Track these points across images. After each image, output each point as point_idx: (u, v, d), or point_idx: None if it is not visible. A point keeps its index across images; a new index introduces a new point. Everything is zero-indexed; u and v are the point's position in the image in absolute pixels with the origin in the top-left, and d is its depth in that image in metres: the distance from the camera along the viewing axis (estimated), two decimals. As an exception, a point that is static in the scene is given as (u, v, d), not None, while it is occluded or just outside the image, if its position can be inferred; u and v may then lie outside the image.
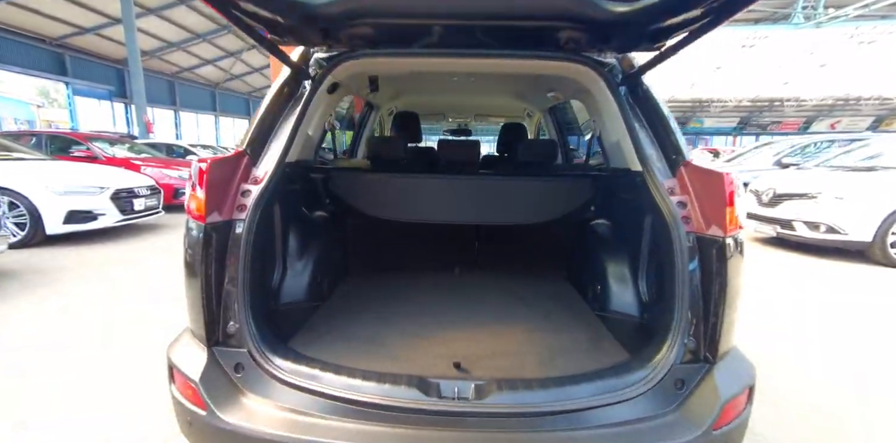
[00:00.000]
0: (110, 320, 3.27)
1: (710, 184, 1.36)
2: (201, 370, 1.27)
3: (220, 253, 1.36)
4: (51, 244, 5.67)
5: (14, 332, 3.03)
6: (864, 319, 3.63)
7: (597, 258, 2.10)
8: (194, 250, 1.33)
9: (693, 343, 1.32)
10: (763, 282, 4.69)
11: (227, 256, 1.37)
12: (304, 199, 2.18)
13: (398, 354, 1.52)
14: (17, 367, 2.53)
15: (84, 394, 2.24)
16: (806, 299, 4.16)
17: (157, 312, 3.46)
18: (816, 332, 3.34)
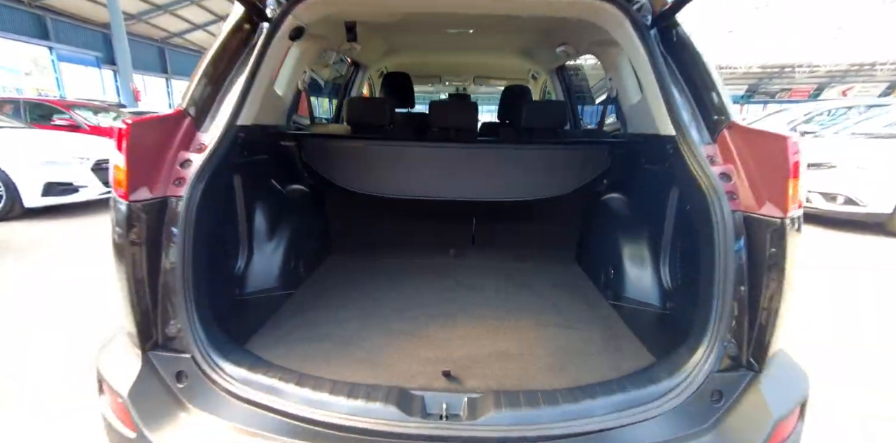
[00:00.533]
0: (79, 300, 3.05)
1: (764, 150, 1.08)
2: (132, 381, 1.04)
3: (153, 238, 1.10)
4: (30, 218, 5.42)
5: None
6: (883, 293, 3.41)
7: (610, 238, 1.84)
8: (120, 234, 1.07)
9: (734, 346, 1.08)
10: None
11: (161, 240, 1.11)
12: (274, 170, 1.89)
13: (377, 358, 1.28)
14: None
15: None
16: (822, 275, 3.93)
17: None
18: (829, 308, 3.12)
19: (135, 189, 1.06)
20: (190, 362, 1.08)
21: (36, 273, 3.59)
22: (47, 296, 3.14)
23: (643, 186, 1.79)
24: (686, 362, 1.11)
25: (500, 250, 2.35)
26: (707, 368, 1.07)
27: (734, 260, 1.08)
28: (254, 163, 1.69)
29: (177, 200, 1.12)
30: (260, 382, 1.07)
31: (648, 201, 1.73)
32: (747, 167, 1.13)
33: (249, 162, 1.63)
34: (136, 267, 1.07)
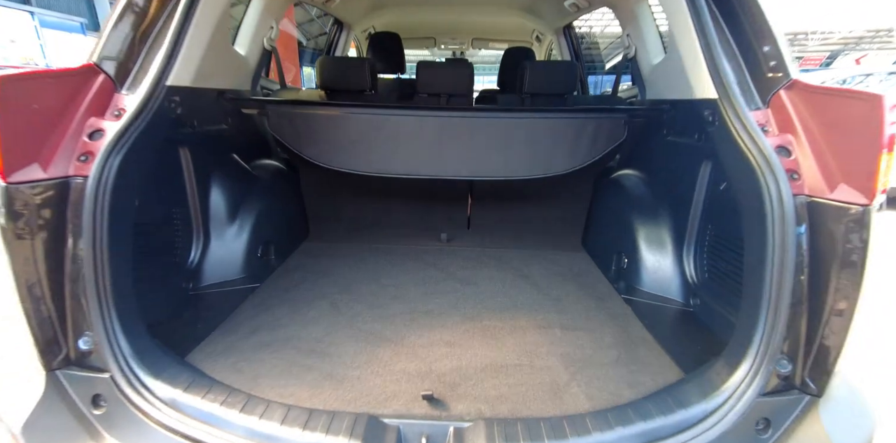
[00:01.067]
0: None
1: (841, 116, 0.83)
2: (30, 410, 0.83)
3: (52, 229, 0.86)
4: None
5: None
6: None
7: (623, 221, 1.59)
8: (5, 226, 0.83)
9: (788, 364, 0.86)
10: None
11: (65, 232, 0.87)
12: (237, 143, 1.63)
13: (345, 371, 1.06)
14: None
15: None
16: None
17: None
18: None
19: (18, 166, 0.81)
20: (109, 384, 0.87)
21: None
22: None
23: (666, 161, 1.53)
24: (724, 380, 0.89)
25: (497, 235, 2.09)
26: (753, 389, 0.85)
27: (793, 256, 0.84)
28: (209, 133, 1.43)
29: (82, 180, 0.88)
30: (196, 407, 0.86)
31: (672, 180, 1.48)
32: (813, 138, 0.88)
33: (202, 133, 1.37)
34: (28, 266, 0.84)
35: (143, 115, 0.98)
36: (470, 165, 1.72)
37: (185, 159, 1.34)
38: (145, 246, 1.15)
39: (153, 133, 1.01)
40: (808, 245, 0.84)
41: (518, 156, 1.69)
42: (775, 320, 0.86)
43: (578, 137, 1.66)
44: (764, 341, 0.87)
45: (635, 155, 1.75)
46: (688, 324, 1.29)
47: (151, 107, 1.00)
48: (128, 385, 0.87)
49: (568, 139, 1.66)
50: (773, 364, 0.86)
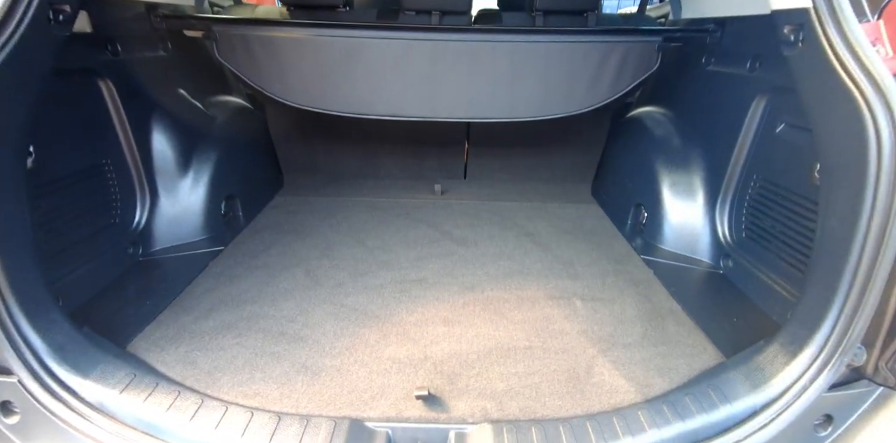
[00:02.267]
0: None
1: None
2: None
3: None
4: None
5: None
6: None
7: (645, 167, 1.37)
8: None
9: (862, 353, 0.70)
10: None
11: None
12: (183, 74, 1.32)
13: (323, 360, 0.88)
14: None
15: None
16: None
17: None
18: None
19: None
20: (16, 388, 0.69)
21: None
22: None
23: (704, 96, 1.27)
24: (780, 369, 0.74)
25: (497, 186, 1.83)
26: (820, 383, 0.70)
27: (880, 226, 0.65)
28: (141, 62, 1.13)
29: None
30: (135, 414, 0.69)
31: (710, 119, 1.24)
32: None
33: (132, 61, 1.08)
34: None
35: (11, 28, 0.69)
36: (468, 103, 1.42)
37: (109, 95, 1.06)
38: (66, 206, 0.92)
39: (30, 58, 0.73)
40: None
41: (527, 91, 1.39)
42: (860, 301, 0.68)
43: (602, 65, 1.35)
44: (841, 325, 0.70)
45: (664, 88, 1.48)
46: (721, 291, 1.12)
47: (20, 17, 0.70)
48: (42, 389, 0.69)
49: (589, 69, 1.35)
50: (848, 354, 0.70)
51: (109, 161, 1.10)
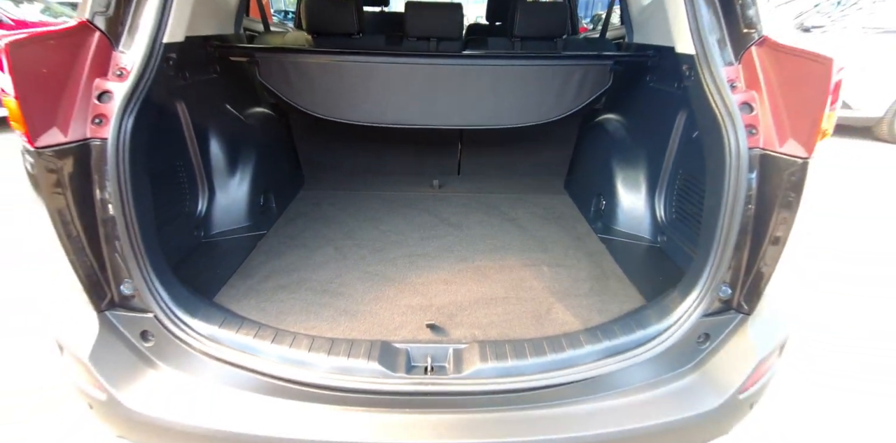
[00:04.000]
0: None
1: (798, 75, 0.91)
2: (92, 343, 0.97)
3: (82, 189, 0.93)
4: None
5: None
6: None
7: (604, 164, 1.71)
8: (36, 189, 0.90)
9: (728, 291, 1.04)
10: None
11: (93, 190, 0.95)
12: (228, 92, 1.63)
13: (357, 307, 1.23)
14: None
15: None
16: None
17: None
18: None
19: (41, 131, 0.86)
20: (153, 322, 1.01)
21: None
22: None
23: (647, 107, 1.61)
24: (677, 305, 1.07)
25: (485, 181, 2.20)
26: (699, 311, 1.04)
27: (742, 202, 0.98)
28: (201, 84, 1.43)
29: (101, 142, 0.93)
30: (233, 340, 1.01)
31: (651, 125, 1.57)
32: (773, 95, 0.97)
33: (195, 83, 1.38)
34: (66, 225, 0.92)
35: (146, 75, 1.00)
36: (460, 114, 1.78)
37: (183, 112, 1.37)
38: (159, 199, 1.23)
39: (156, 92, 1.05)
40: (756, 191, 0.98)
41: (508, 103, 1.75)
42: (723, 254, 1.02)
43: (566, 83, 1.71)
44: (712, 271, 1.03)
45: (619, 100, 1.82)
46: (654, 259, 1.47)
47: (152, 67, 1.02)
48: (170, 322, 1.01)
49: (555, 86, 1.71)
50: (716, 291, 1.03)
51: (182, 164, 1.42)
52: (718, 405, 0.97)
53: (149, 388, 0.97)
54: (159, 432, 0.94)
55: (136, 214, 0.99)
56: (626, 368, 1.00)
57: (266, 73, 1.68)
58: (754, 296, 1.03)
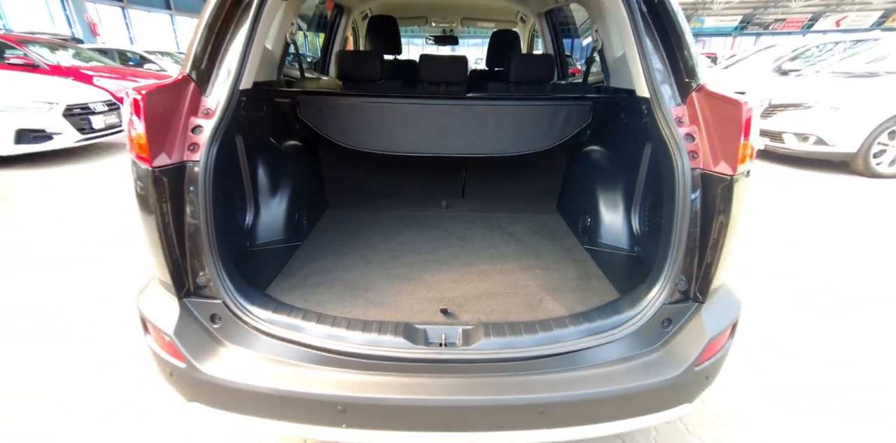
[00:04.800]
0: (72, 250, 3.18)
1: (724, 114, 1.21)
2: (175, 323, 1.22)
3: (176, 199, 1.21)
4: (10, 165, 5.33)
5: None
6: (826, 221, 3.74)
7: (589, 188, 2.00)
8: (145, 198, 1.18)
9: (684, 283, 1.29)
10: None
11: (184, 202, 1.22)
12: (271, 127, 1.96)
13: (383, 299, 1.49)
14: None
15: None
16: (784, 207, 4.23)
17: (125, 238, 3.37)
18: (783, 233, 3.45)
19: (156, 155, 1.15)
20: (221, 307, 1.26)
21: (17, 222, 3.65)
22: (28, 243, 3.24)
23: (621, 140, 1.92)
24: (644, 296, 1.32)
25: (487, 202, 2.52)
26: (661, 301, 1.28)
27: (689, 211, 1.25)
28: (253, 120, 1.75)
29: (193, 164, 1.22)
30: (284, 321, 1.26)
31: (625, 155, 1.87)
32: (709, 129, 1.27)
33: (250, 120, 1.70)
34: (164, 227, 1.19)
35: (227, 114, 1.31)
36: (465, 145, 2.11)
37: (239, 143, 1.67)
38: (225, 212, 1.51)
39: (231, 126, 1.35)
40: (700, 203, 1.25)
41: (505, 136, 2.09)
42: (678, 253, 1.28)
43: (553, 120, 2.05)
44: (671, 267, 1.29)
45: (600, 133, 2.14)
46: (630, 264, 1.72)
47: (230, 108, 1.32)
48: (235, 307, 1.26)
49: (545, 122, 2.05)
50: (675, 283, 1.29)
51: (237, 185, 1.71)
52: (678, 374, 1.20)
53: (217, 359, 1.20)
54: (225, 392, 1.16)
55: (213, 220, 1.27)
56: (603, 344, 1.23)
57: (305, 111, 2.02)
58: (706, 287, 1.28)
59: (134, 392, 1.86)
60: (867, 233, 3.79)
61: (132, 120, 1.13)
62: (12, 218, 3.76)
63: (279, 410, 1.14)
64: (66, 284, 2.70)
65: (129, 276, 2.81)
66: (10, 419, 1.70)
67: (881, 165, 5.42)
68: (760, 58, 9.28)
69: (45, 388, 1.87)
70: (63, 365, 2.00)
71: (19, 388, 1.87)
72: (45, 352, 2.09)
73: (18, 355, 2.07)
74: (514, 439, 1.14)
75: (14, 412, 1.74)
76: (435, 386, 1.14)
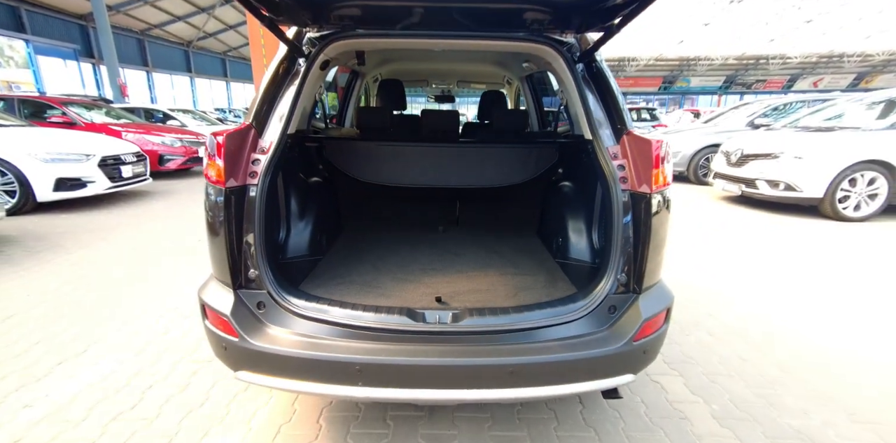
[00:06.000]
0: (117, 277, 3.55)
1: (643, 150, 1.65)
2: (230, 307, 1.58)
3: (237, 213, 1.63)
4: (43, 212, 5.81)
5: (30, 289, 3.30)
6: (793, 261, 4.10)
7: (560, 215, 2.42)
8: (215, 211, 1.59)
9: (624, 278, 1.67)
10: (726, 236, 5.14)
11: (243, 215, 1.64)
12: (301, 165, 2.42)
13: (390, 293, 1.85)
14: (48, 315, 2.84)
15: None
16: (756, 247, 4.61)
17: (159, 270, 3.75)
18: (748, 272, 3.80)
19: (228, 179, 1.59)
20: (266, 296, 1.63)
21: (50, 261, 4.04)
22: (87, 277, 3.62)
23: (582, 174, 2.37)
24: (595, 288, 1.69)
25: (477, 226, 2.97)
26: (606, 292, 1.65)
27: (623, 222, 1.66)
28: (290, 159, 2.21)
29: (252, 187, 1.65)
30: (314, 307, 1.62)
31: (585, 185, 2.31)
32: (634, 161, 1.70)
33: (287, 158, 2.16)
34: (227, 233, 1.60)
35: (276, 152, 1.76)
36: (458, 179, 2.58)
37: (280, 175, 2.12)
38: (268, 227, 1.91)
39: (277, 162, 1.80)
40: (631, 215, 1.66)
41: (490, 171, 2.56)
42: (619, 258, 1.67)
43: (527, 159, 2.53)
44: (614, 267, 1.67)
45: (567, 170, 2.60)
46: (590, 272, 2.10)
47: (279, 148, 1.78)
48: (277, 296, 1.63)
49: (521, 161, 2.54)
50: (617, 278, 1.66)
51: (276, 209, 2.13)
52: (620, 346, 1.54)
53: (262, 335, 1.55)
54: (268, 359, 1.50)
55: (264, 230, 1.67)
56: (562, 324, 1.59)
57: (329, 153, 2.51)
58: (640, 282, 1.66)
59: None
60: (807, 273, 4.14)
61: (212, 155, 1.58)
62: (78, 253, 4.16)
63: (311, 372, 1.47)
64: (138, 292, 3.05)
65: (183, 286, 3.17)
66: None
67: (847, 209, 5.86)
68: (736, 114, 10.12)
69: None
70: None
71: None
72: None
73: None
74: (492, 395, 1.46)
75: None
76: (430, 352, 1.48)
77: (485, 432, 1.95)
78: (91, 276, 3.64)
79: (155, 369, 2.37)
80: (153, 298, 3.23)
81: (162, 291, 3.37)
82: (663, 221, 1.65)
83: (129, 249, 4.33)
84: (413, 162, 2.58)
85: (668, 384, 2.34)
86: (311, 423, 1.99)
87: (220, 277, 1.66)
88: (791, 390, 2.29)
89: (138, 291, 3.36)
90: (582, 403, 2.16)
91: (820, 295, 3.49)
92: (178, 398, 2.14)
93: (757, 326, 2.94)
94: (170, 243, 4.58)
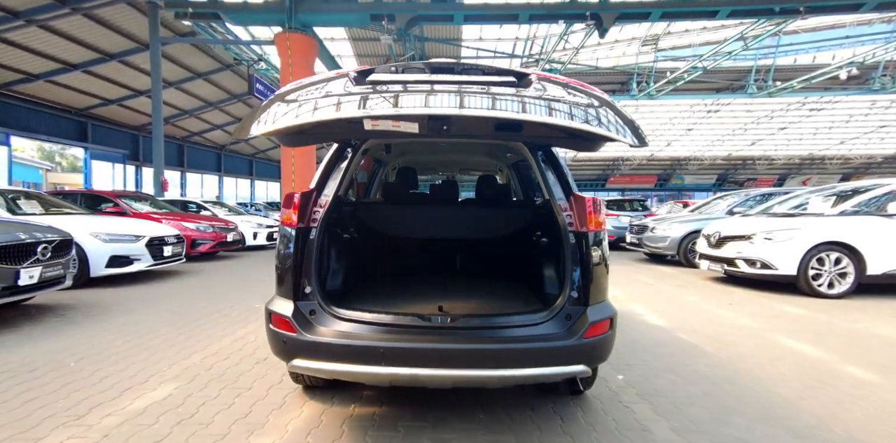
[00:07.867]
0: (174, 338, 4.12)
1: (582, 204, 2.40)
2: (291, 312, 2.21)
3: (302, 246, 2.34)
4: (93, 286, 6.50)
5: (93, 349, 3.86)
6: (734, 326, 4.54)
7: (536, 258, 3.11)
8: (286, 244, 2.31)
9: (576, 294, 2.29)
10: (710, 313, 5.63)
11: (305, 246, 2.35)
12: (338, 221, 3.21)
13: (405, 304, 2.47)
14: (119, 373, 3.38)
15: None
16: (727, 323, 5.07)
17: (210, 328, 4.32)
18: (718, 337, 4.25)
19: (298, 223, 2.34)
20: (316, 305, 2.26)
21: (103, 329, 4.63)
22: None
23: (549, 228, 3.10)
24: (554, 302, 2.30)
25: (473, 268, 3.72)
26: (563, 304, 2.26)
27: (572, 255, 2.34)
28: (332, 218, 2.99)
29: (314, 228, 2.40)
30: (353, 314, 2.23)
31: (551, 235, 3.03)
32: (576, 211, 2.44)
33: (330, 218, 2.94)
34: (295, 261, 2.29)
35: (329, 209, 2.53)
36: (459, 232, 3.37)
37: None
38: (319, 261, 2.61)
39: (329, 214, 2.56)
40: (577, 249, 2.35)
41: (482, 226, 3.36)
42: (570, 280, 2.31)
43: (509, 219, 3.33)
44: (568, 287, 2.31)
45: (540, 226, 3.35)
46: (555, 294, 2.70)
47: (330, 205, 2.56)
48: (325, 306, 2.26)
49: (503, 219, 3.34)
50: (570, 295, 2.29)
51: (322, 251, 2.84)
52: (573, 340, 2.10)
53: (313, 331, 2.16)
54: (318, 347, 2.08)
55: (318, 261, 2.37)
56: (532, 325, 2.18)
57: (361, 215, 3.32)
58: (587, 298, 2.28)
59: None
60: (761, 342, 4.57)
61: (294, 205, 2.35)
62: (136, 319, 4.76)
63: (347, 356, 2.04)
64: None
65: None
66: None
67: (822, 286, 6.36)
68: (718, 203, 11.13)
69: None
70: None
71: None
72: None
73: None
74: (479, 373, 2.01)
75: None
76: (434, 340, 2.07)
77: (479, 437, 2.38)
78: (142, 331, 4.22)
79: (203, 393, 2.85)
80: (199, 346, 3.77)
81: (207, 340, 3.91)
82: (599, 252, 2.32)
83: (169, 314, 4.94)
84: (424, 220, 3.42)
85: (638, 409, 2.75)
86: (336, 427, 2.45)
87: (283, 293, 2.32)
88: (744, 414, 2.69)
89: (187, 340, 3.92)
90: (561, 418, 2.59)
91: (779, 353, 3.92)
92: (226, 412, 2.61)
93: (722, 372, 3.37)
94: (207, 303, 5.18)
